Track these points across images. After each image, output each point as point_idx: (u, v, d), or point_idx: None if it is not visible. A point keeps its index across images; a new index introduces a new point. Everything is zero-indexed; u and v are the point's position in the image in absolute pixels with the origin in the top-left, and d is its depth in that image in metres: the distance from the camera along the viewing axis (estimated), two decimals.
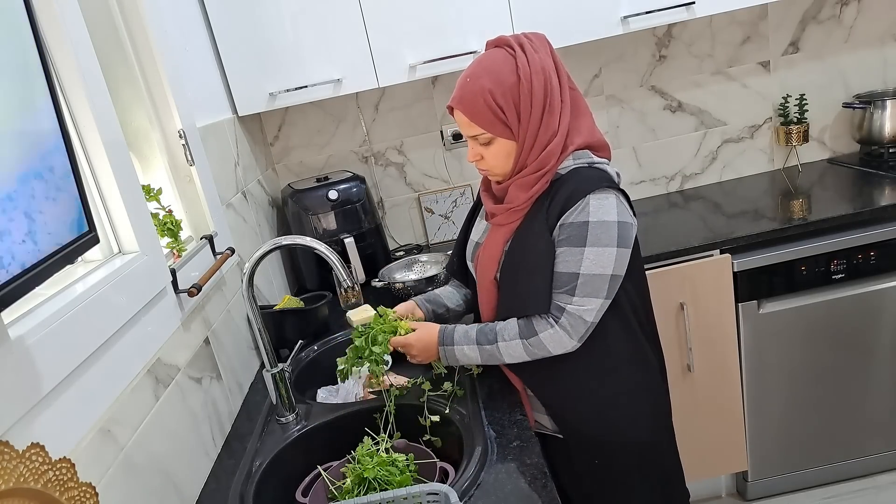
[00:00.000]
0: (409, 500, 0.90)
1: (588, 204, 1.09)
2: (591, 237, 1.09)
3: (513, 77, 1.09)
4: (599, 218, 1.08)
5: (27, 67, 0.71)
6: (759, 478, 2.04)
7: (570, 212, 1.10)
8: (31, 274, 0.66)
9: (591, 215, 1.09)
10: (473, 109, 1.11)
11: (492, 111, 1.10)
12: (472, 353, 1.19)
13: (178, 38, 1.53)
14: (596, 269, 1.09)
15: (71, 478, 0.71)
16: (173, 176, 1.38)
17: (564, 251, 1.11)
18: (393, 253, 2.26)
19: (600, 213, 1.09)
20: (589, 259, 1.09)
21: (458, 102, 1.14)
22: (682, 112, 2.30)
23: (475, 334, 1.19)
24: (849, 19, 2.23)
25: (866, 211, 1.81)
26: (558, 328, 1.12)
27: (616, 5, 1.84)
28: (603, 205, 1.09)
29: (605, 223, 1.09)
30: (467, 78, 1.13)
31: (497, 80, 1.09)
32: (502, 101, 1.09)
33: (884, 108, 2.13)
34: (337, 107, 2.23)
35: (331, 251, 1.20)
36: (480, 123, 1.12)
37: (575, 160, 1.14)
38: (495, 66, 1.10)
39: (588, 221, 1.09)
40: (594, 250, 1.09)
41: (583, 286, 1.10)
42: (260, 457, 1.18)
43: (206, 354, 1.27)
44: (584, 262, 1.09)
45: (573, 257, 1.10)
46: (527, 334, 1.14)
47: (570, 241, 1.10)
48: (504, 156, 1.15)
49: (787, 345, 1.89)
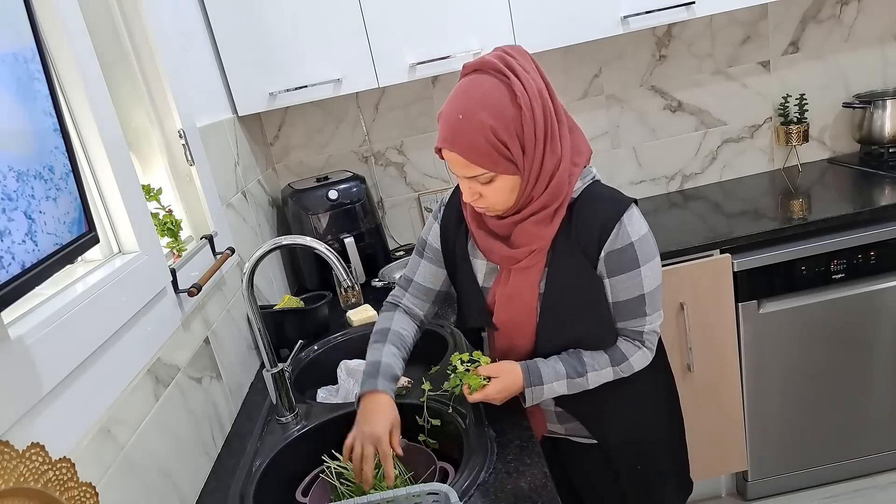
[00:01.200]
0: (410, 499, 0.90)
1: (625, 225, 1.07)
2: (641, 255, 1.08)
3: (512, 108, 0.98)
4: (638, 235, 1.08)
5: (27, 67, 0.71)
6: (759, 478, 2.04)
7: (611, 240, 1.07)
8: (31, 274, 0.66)
9: (632, 235, 1.07)
10: (472, 149, 0.99)
11: (495, 149, 0.99)
12: (560, 388, 1.14)
13: (178, 38, 1.53)
14: (654, 282, 1.10)
15: (71, 477, 0.71)
16: (173, 176, 1.38)
17: (621, 279, 1.09)
18: (393, 253, 2.26)
19: (636, 229, 1.08)
20: (647, 277, 1.09)
21: (452, 144, 1.01)
22: (682, 112, 2.30)
23: (563, 368, 1.13)
24: (849, 19, 2.23)
25: (866, 211, 1.81)
26: (645, 349, 1.15)
27: (616, 5, 1.84)
28: (634, 221, 1.08)
29: (643, 237, 1.09)
30: (459, 114, 0.99)
31: (497, 113, 0.98)
32: (505, 136, 0.98)
33: (884, 108, 2.13)
34: (337, 107, 2.23)
35: (331, 251, 1.20)
36: (482, 163, 1.01)
37: (581, 180, 1.11)
38: (490, 98, 0.98)
39: (633, 242, 1.07)
40: (647, 267, 1.09)
41: (650, 304, 1.11)
42: (260, 457, 1.18)
43: (206, 354, 1.27)
44: (645, 282, 1.09)
45: (633, 281, 1.09)
46: (617, 361, 1.14)
47: (622, 267, 1.08)
48: (507, 192, 1.05)
49: (787, 345, 1.89)
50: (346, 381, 1.45)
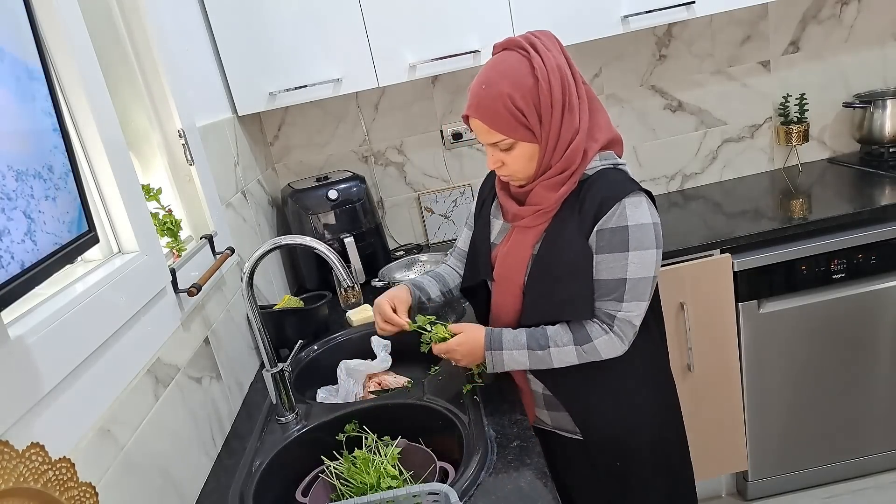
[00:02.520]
0: (410, 499, 0.90)
1: (624, 208, 1.08)
2: (633, 241, 1.08)
3: (530, 79, 1.06)
4: (637, 221, 1.08)
5: (27, 66, 0.71)
6: (760, 477, 2.04)
7: (606, 217, 1.08)
8: (30, 273, 0.66)
9: (629, 219, 1.08)
10: (493, 116, 1.08)
11: (513, 116, 1.07)
12: (522, 357, 1.15)
13: (178, 38, 1.52)
14: (641, 272, 1.09)
15: (71, 477, 0.70)
16: (173, 175, 1.38)
17: (607, 258, 1.09)
18: (393, 252, 2.26)
19: (637, 216, 1.08)
20: (634, 263, 1.08)
21: (476, 110, 1.11)
22: (682, 111, 2.30)
23: (525, 339, 1.16)
24: (849, 19, 2.23)
25: (866, 210, 1.81)
26: (612, 335, 1.12)
27: (616, 5, 1.84)
28: (638, 208, 1.09)
29: (643, 226, 1.08)
30: (482, 85, 1.10)
31: (515, 83, 1.07)
32: (522, 104, 1.07)
33: (884, 108, 2.13)
34: (337, 106, 2.23)
35: (330, 251, 1.20)
36: (501, 129, 1.09)
37: (602, 161, 1.14)
38: (511, 70, 1.08)
39: (627, 226, 1.08)
40: (638, 254, 1.08)
41: (630, 291, 1.09)
42: (260, 457, 1.18)
43: (205, 354, 1.26)
44: (630, 267, 1.08)
45: (617, 263, 1.08)
46: (581, 341, 1.13)
47: (611, 247, 1.09)
48: (526, 159, 1.12)
49: (787, 345, 1.89)
50: (346, 381, 1.45)
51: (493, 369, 1.18)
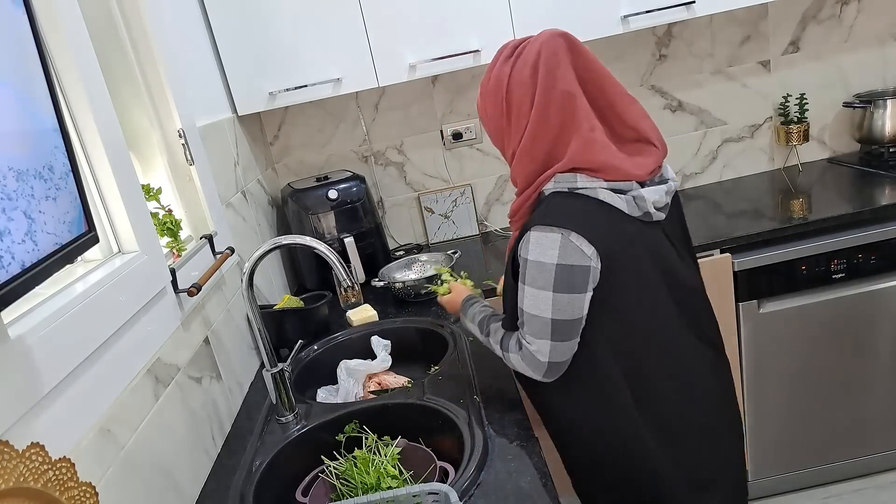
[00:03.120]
0: (410, 499, 0.90)
1: (528, 241, 1.02)
2: (528, 276, 1.02)
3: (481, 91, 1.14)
4: (535, 257, 1.01)
5: (27, 67, 0.71)
6: (759, 477, 2.04)
7: (520, 244, 1.05)
8: (30, 273, 0.66)
9: (530, 253, 1.01)
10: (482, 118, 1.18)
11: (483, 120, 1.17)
12: (476, 332, 1.24)
13: (177, 38, 1.52)
14: (533, 309, 1.03)
15: (71, 477, 0.71)
16: (173, 175, 1.38)
17: (516, 284, 1.07)
18: (393, 252, 2.26)
19: (536, 251, 1.01)
20: (528, 298, 1.03)
21: None
22: (682, 111, 2.30)
23: (479, 320, 1.24)
24: (849, 19, 2.23)
25: (866, 210, 1.81)
26: (521, 357, 1.08)
27: (616, 4, 1.84)
28: (541, 243, 1.00)
29: (539, 264, 1.00)
30: None
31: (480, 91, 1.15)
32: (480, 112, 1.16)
33: (884, 108, 2.13)
34: (337, 106, 2.23)
35: (330, 251, 1.20)
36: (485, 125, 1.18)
37: (556, 183, 1.03)
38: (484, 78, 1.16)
39: (527, 259, 1.02)
40: (531, 290, 1.03)
41: (527, 323, 1.05)
42: (260, 456, 1.18)
43: (205, 354, 1.27)
44: (525, 300, 1.04)
45: (520, 293, 1.06)
46: (505, 347, 1.13)
47: (519, 275, 1.05)
48: None
49: (788, 344, 1.89)
50: (346, 380, 1.45)
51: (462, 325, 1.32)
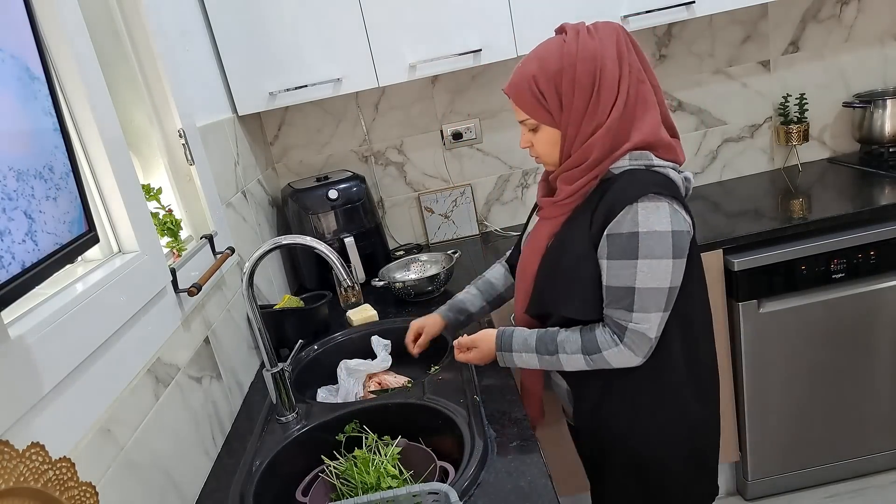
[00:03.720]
0: (410, 499, 0.90)
1: (637, 213, 1.02)
2: (644, 248, 1.02)
3: (558, 63, 1.06)
4: (650, 228, 1.02)
5: (27, 66, 0.71)
6: (760, 477, 2.04)
7: (617, 221, 1.04)
8: (30, 273, 0.66)
9: (641, 225, 1.02)
10: (519, 94, 1.11)
11: (534, 96, 1.08)
12: (531, 360, 1.17)
13: (177, 38, 1.52)
14: (652, 282, 1.04)
15: (71, 477, 0.71)
16: (173, 175, 1.38)
17: (615, 264, 1.05)
18: (393, 252, 2.26)
19: (650, 222, 1.02)
20: (643, 272, 1.03)
21: (508, 87, 1.14)
22: (682, 111, 2.30)
23: (535, 343, 1.16)
24: (849, 18, 2.23)
25: (866, 210, 1.81)
26: (623, 347, 1.08)
27: (616, 4, 1.84)
28: (653, 213, 1.02)
29: (657, 233, 1.02)
30: (520, 63, 1.13)
31: (542, 65, 1.07)
32: (545, 86, 1.07)
33: (884, 108, 2.13)
34: (337, 106, 2.23)
35: (331, 251, 1.20)
36: (525, 108, 1.11)
37: (631, 161, 1.07)
38: (544, 52, 1.09)
39: (638, 232, 1.02)
40: (647, 262, 1.03)
41: (640, 301, 1.05)
42: (260, 456, 1.18)
43: (206, 354, 1.27)
44: (639, 276, 1.03)
45: (626, 271, 1.04)
46: (590, 350, 1.10)
47: (621, 253, 1.04)
48: (550, 144, 1.12)
49: (788, 344, 1.89)
50: (346, 380, 1.45)
51: (504, 365, 1.24)
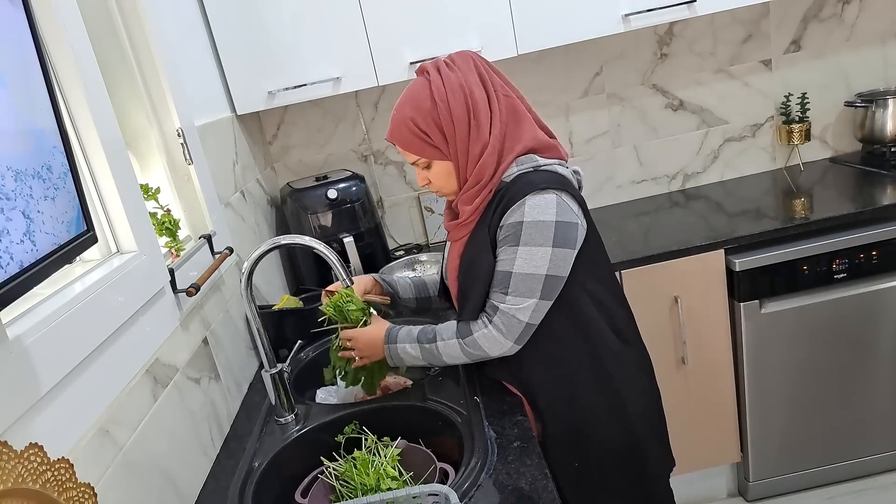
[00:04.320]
0: (410, 500, 0.90)
1: (524, 204, 1.09)
2: (525, 236, 1.09)
3: (429, 101, 1.12)
4: (534, 217, 1.08)
5: (26, 66, 0.71)
6: (761, 478, 2.04)
7: (507, 214, 1.11)
8: (29, 273, 0.66)
9: (526, 215, 1.09)
10: (402, 139, 1.15)
11: (418, 137, 1.13)
12: (414, 351, 1.21)
13: (176, 37, 1.52)
14: (528, 268, 1.09)
15: (69, 478, 0.70)
16: (171, 175, 1.38)
17: (501, 251, 1.12)
18: (392, 252, 2.25)
19: (535, 212, 1.08)
20: (521, 258, 1.09)
21: (390, 135, 1.18)
22: (683, 110, 2.29)
23: (417, 333, 1.22)
24: (850, 18, 2.22)
25: (868, 210, 1.81)
26: (492, 328, 1.13)
27: (617, 3, 1.83)
28: (539, 204, 1.09)
29: (540, 223, 1.08)
30: (394, 111, 1.17)
31: (415, 106, 1.13)
32: (424, 125, 1.12)
33: (886, 107, 2.13)
34: (336, 105, 2.22)
35: (330, 250, 1.20)
36: (412, 150, 1.16)
37: (518, 166, 1.14)
38: (413, 94, 1.14)
39: (523, 221, 1.09)
40: (527, 249, 1.09)
41: (515, 285, 1.10)
42: (259, 457, 1.18)
43: (204, 354, 1.26)
44: (517, 261, 1.09)
45: (507, 256, 1.11)
46: (463, 334, 1.16)
47: (506, 240, 1.11)
48: (445, 175, 1.17)
49: (789, 345, 1.89)
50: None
51: (392, 363, 1.25)
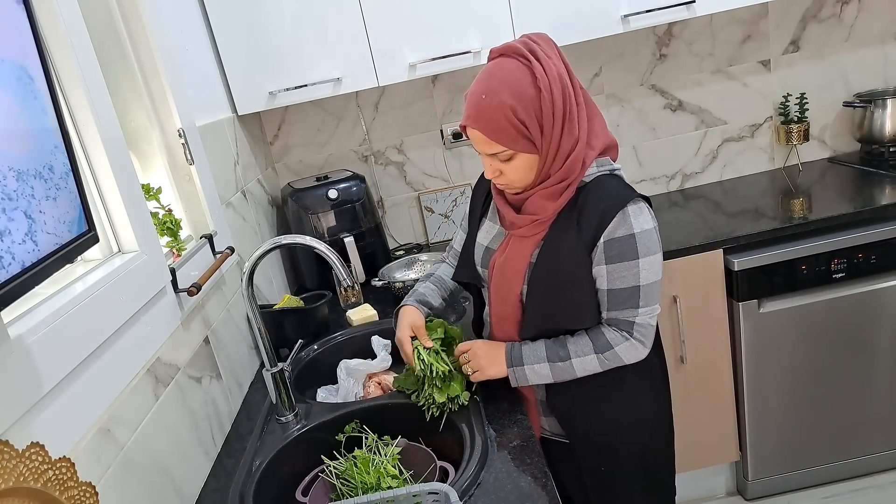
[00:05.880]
0: (410, 499, 0.90)
1: (628, 216, 1.08)
2: (641, 248, 1.09)
3: (532, 89, 1.03)
4: (642, 228, 1.09)
5: (27, 66, 0.71)
6: (760, 477, 2.04)
7: (612, 227, 1.08)
8: (30, 273, 0.66)
9: (635, 227, 1.08)
10: (495, 127, 1.05)
11: (515, 128, 1.04)
12: (544, 370, 1.16)
13: (177, 37, 1.52)
14: (652, 277, 1.11)
15: (71, 477, 0.70)
16: (173, 175, 1.38)
17: (618, 267, 1.10)
18: (393, 252, 2.26)
19: (640, 222, 1.09)
20: (645, 270, 1.10)
21: (476, 121, 1.07)
22: (682, 111, 2.30)
23: (545, 352, 1.16)
24: (849, 18, 2.22)
25: (867, 210, 1.81)
26: (633, 341, 1.14)
27: (616, 4, 1.84)
28: (641, 215, 1.10)
29: (647, 232, 1.09)
30: (482, 94, 1.05)
31: (517, 93, 1.03)
32: (524, 115, 1.04)
33: (884, 107, 2.13)
34: (337, 106, 2.23)
35: (330, 250, 1.20)
36: (502, 141, 1.06)
37: (598, 167, 1.13)
38: (512, 79, 1.04)
39: (634, 234, 1.08)
40: (647, 260, 1.10)
41: (645, 297, 1.11)
42: (260, 456, 1.18)
43: (205, 354, 1.26)
44: (642, 274, 1.10)
45: (629, 272, 1.10)
46: (601, 349, 1.14)
47: (621, 256, 1.09)
48: (526, 169, 1.11)
49: (788, 344, 1.89)
50: (346, 380, 1.45)
51: (514, 384, 1.20)
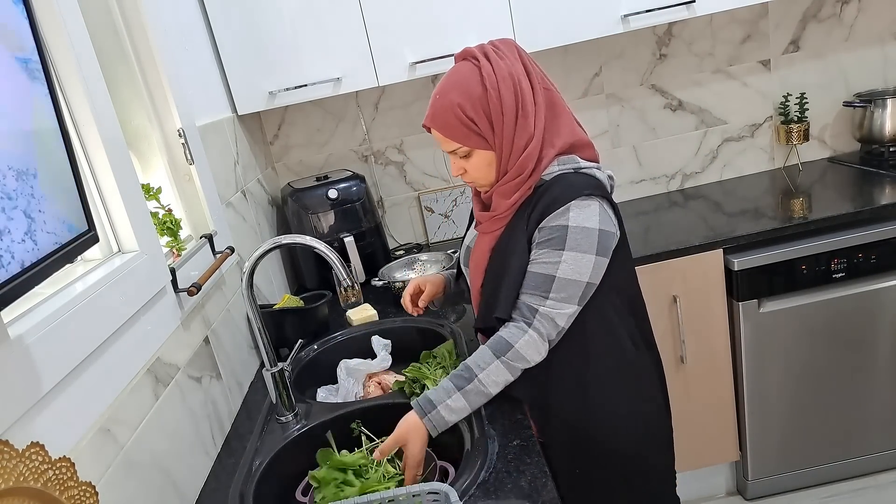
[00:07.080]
0: (410, 499, 0.90)
1: (569, 209, 1.07)
2: (571, 241, 1.07)
3: (479, 88, 1.08)
4: (580, 224, 1.07)
5: (27, 66, 0.71)
6: (760, 477, 2.04)
7: (550, 217, 1.08)
8: (30, 273, 0.66)
9: (572, 220, 1.07)
10: (446, 125, 1.11)
11: (464, 125, 1.09)
12: (458, 402, 1.09)
13: (177, 37, 1.52)
14: (573, 274, 1.08)
15: (71, 477, 0.70)
16: (173, 175, 1.38)
17: (542, 253, 1.09)
18: (393, 252, 2.26)
19: (581, 218, 1.07)
20: (566, 263, 1.07)
21: (431, 120, 1.14)
22: (682, 111, 2.30)
23: (451, 383, 1.11)
24: (849, 18, 2.22)
25: (867, 210, 1.81)
26: (532, 332, 1.09)
27: (616, 4, 1.84)
28: (584, 211, 1.08)
29: (585, 229, 1.07)
30: (437, 95, 1.13)
31: (464, 92, 1.09)
32: (472, 113, 1.08)
33: (884, 107, 2.13)
34: (337, 105, 2.23)
35: (330, 250, 1.20)
36: (455, 138, 1.12)
37: (560, 165, 1.12)
38: (461, 79, 1.10)
39: (568, 226, 1.07)
40: (573, 255, 1.07)
41: (557, 290, 1.08)
42: (260, 456, 1.18)
43: (205, 354, 1.26)
44: (562, 266, 1.07)
45: (550, 259, 1.08)
46: (501, 351, 1.09)
47: (548, 243, 1.08)
48: (485, 166, 1.14)
49: (788, 344, 1.89)
50: (346, 380, 1.45)
51: (438, 432, 1.10)
